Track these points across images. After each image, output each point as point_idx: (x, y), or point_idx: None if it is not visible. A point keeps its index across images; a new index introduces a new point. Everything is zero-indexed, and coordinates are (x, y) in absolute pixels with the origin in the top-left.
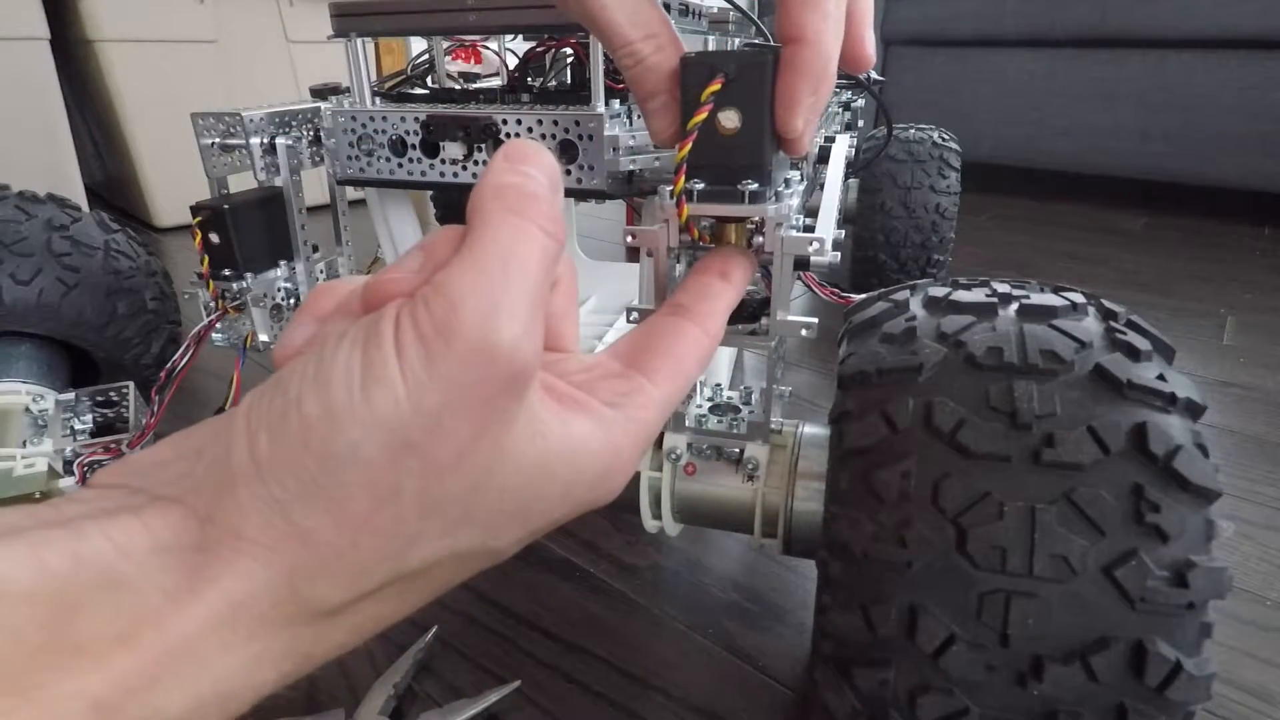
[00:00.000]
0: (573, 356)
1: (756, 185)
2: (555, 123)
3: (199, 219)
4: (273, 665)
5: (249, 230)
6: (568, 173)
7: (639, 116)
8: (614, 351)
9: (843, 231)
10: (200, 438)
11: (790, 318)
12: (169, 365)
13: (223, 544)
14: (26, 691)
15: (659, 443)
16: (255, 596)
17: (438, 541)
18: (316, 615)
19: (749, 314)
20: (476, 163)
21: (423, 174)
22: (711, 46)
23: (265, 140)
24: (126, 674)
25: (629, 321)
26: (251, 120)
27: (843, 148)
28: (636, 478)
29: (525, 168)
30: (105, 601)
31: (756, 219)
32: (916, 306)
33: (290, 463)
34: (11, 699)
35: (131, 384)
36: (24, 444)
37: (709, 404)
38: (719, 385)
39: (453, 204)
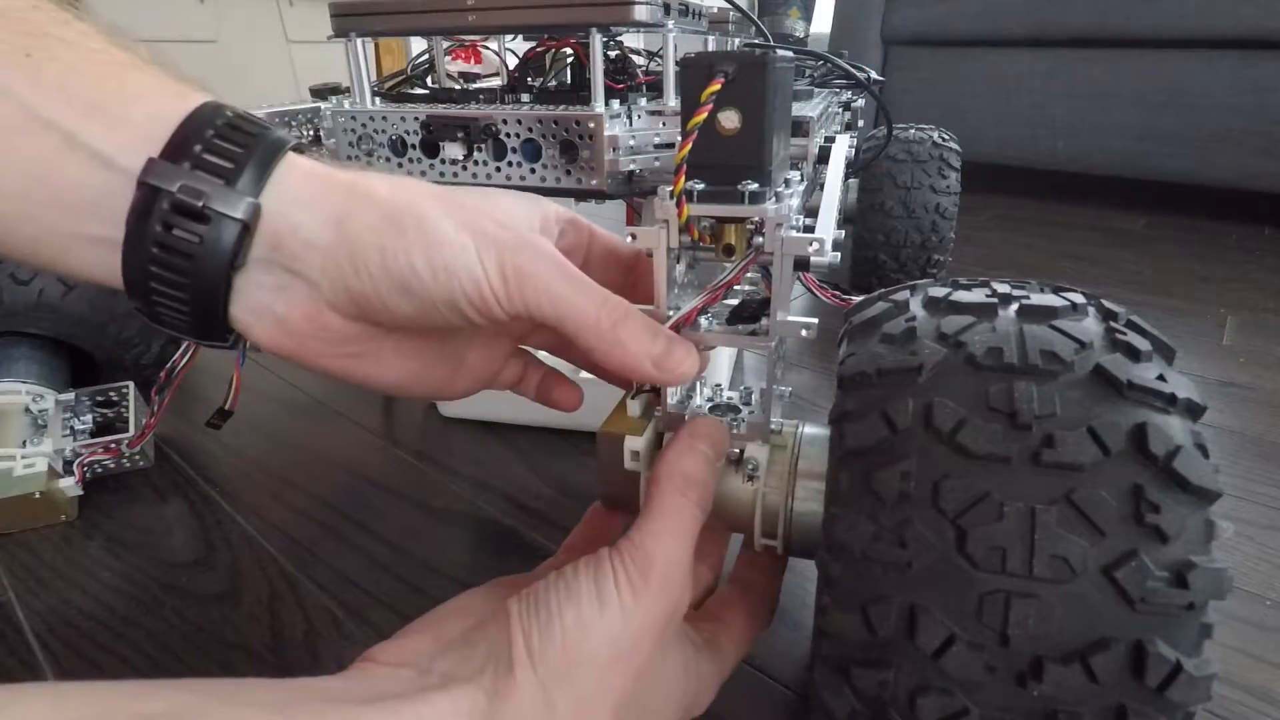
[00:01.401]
0: None
1: (756, 185)
2: (555, 123)
3: None
4: None
5: None
6: (568, 173)
7: (639, 116)
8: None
9: (843, 231)
10: (460, 626)
11: (790, 318)
12: (169, 365)
13: (505, 714)
14: None
15: (659, 443)
16: None
17: None
18: None
19: (749, 314)
20: (476, 162)
21: (423, 174)
22: (711, 47)
23: None
24: None
25: None
26: None
27: (843, 148)
28: (636, 478)
29: (702, 446)
30: None
31: (756, 219)
32: (916, 307)
33: (552, 659)
34: None
35: (131, 384)
36: (24, 444)
37: (709, 404)
38: (719, 385)
39: None
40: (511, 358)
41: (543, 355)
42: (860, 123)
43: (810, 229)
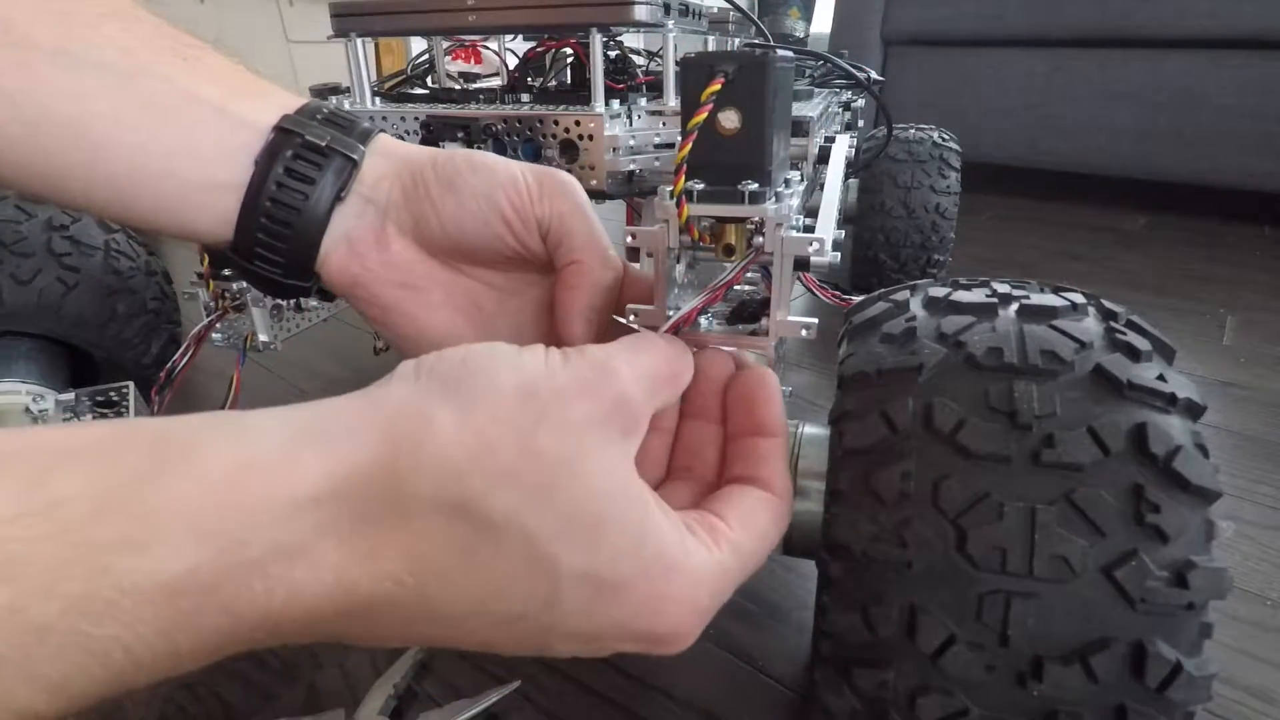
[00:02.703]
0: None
1: (756, 185)
2: (555, 123)
3: None
4: (347, 569)
5: None
6: (568, 172)
7: (639, 116)
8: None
9: (843, 231)
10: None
11: (790, 318)
12: (169, 365)
13: (358, 409)
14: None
15: None
16: (361, 460)
17: (520, 506)
18: (397, 509)
19: (749, 314)
20: None
21: None
22: (711, 47)
23: None
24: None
25: (629, 322)
26: None
27: (843, 148)
28: None
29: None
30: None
31: (756, 219)
32: (916, 307)
33: (442, 371)
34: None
35: (131, 384)
36: None
37: None
38: None
39: None
40: None
41: None
42: (860, 123)
43: (810, 229)
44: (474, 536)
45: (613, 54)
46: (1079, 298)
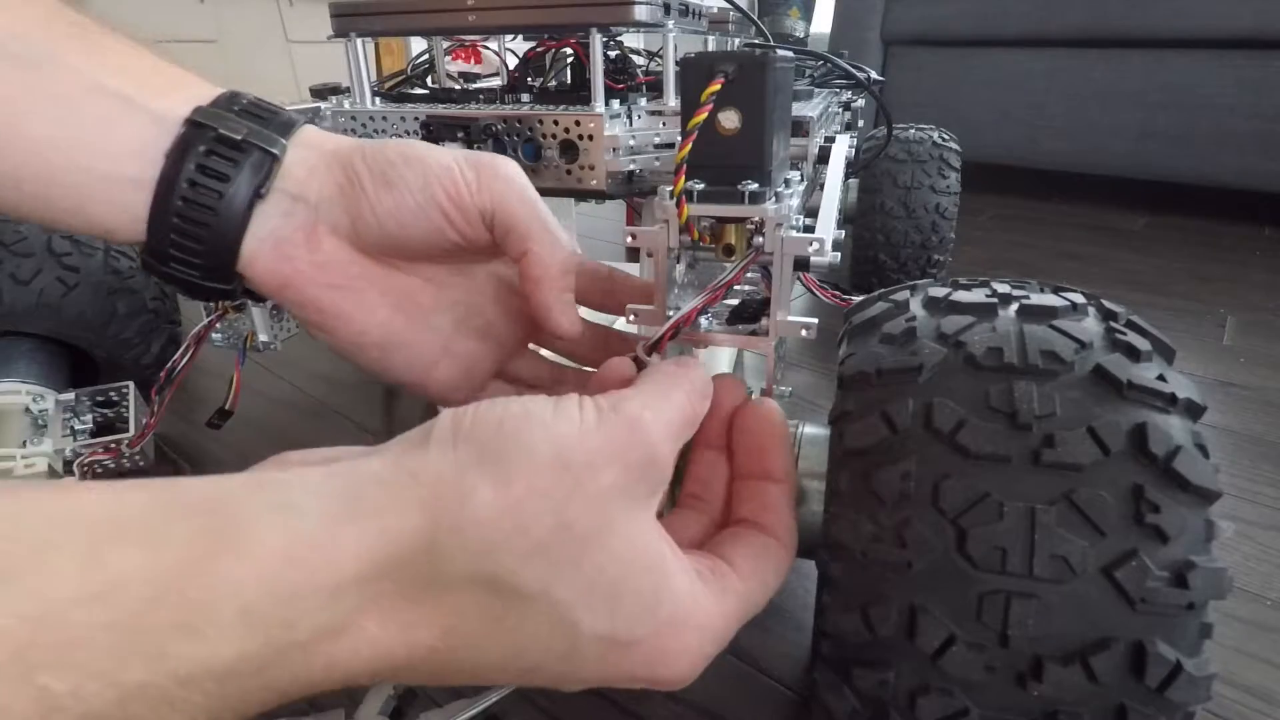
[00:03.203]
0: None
1: (756, 185)
2: (555, 123)
3: None
4: (380, 636)
5: None
6: (568, 173)
7: (639, 116)
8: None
9: (843, 232)
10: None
11: (790, 318)
12: (169, 365)
13: (399, 482)
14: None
15: None
16: (402, 537)
17: (550, 564)
18: (435, 585)
19: (749, 314)
20: None
21: None
22: (711, 47)
23: None
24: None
25: (629, 322)
26: None
27: (843, 148)
28: None
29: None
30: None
31: (756, 219)
32: (916, 307)
33: (480, 437)
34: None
35: (131, 384)
36: (24, 444)
37: None
38: None
39: None
40: (516, 357)
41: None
42: (860, 123)
43: (810, 229)
44: (504, 607)
45: (613, 54)
46: (1079, 298)
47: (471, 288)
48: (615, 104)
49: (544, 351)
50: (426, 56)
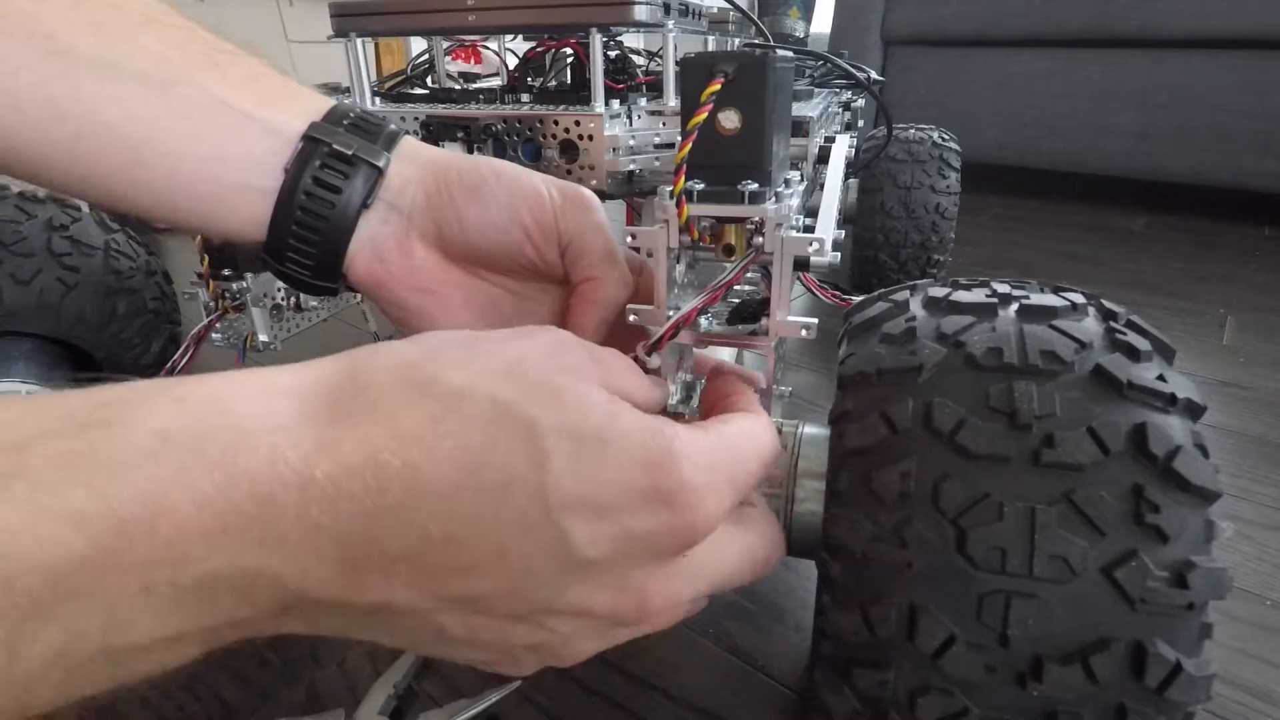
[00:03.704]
0: None
1: (756, 185)
2: (555, 123)
3: None
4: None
5: None
6: (568, 173)
7: (639, 116)
8: None
9: (843, 231)
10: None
11: (790, 318)
12: (169, 365)
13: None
14: None
15: None
16: (324, 372)
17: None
18: (363, 399)
19: (749, 314)
20: None
21: None
22: (711, 47)
23: None
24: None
25: (629, 322)
26: None
27: (843, 148)
28: None
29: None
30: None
31: (756, 219)
32: (916, 307)
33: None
34: None
35: None
36: None
37: None
38: None
39: None
40: None
41: None
42: (860, 123)
43: (810, 229)
44: (440, 405)
45: (613, 54)
46: (1079, 298)
47: (549, 303)
48: (615, 104)
49: None
50: (426, 56)
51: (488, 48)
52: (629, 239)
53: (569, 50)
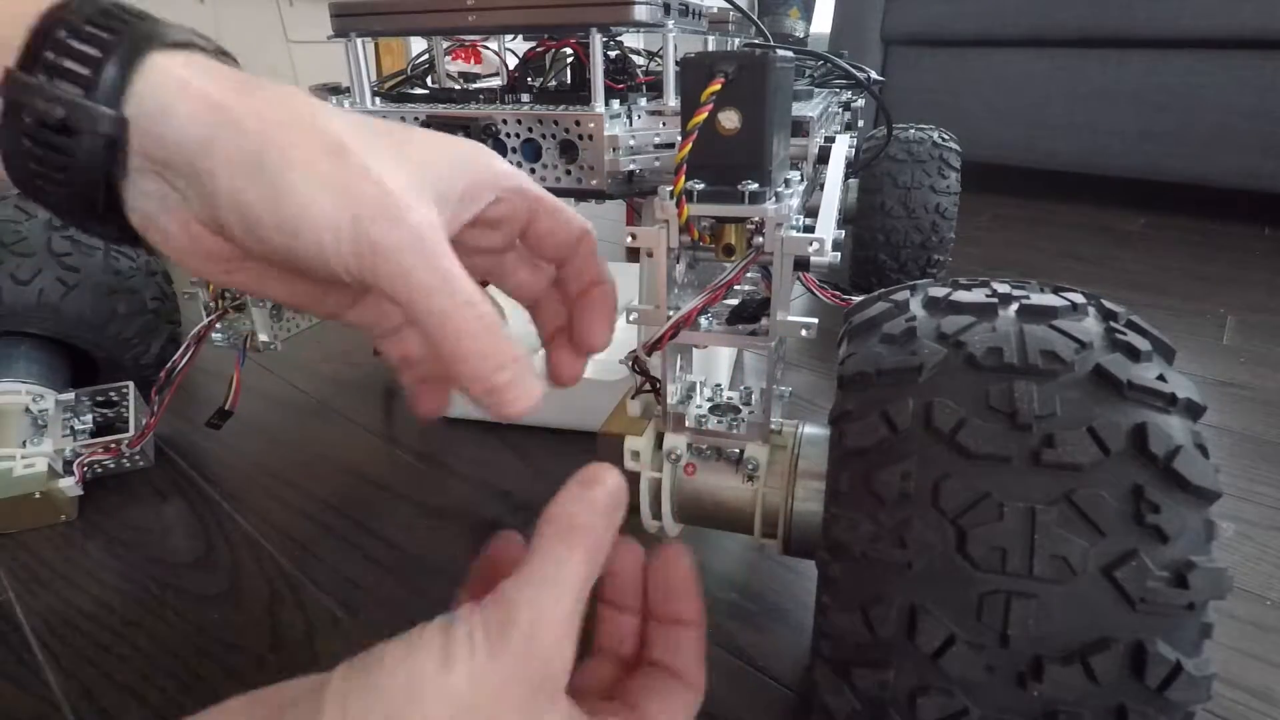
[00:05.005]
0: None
1: (756, 185)
2: (555, 123)
3: None
4: None
5: None
6: (568, 173)
7: (639, 116)
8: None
9: (843, 231)
10: (282, 700)
11: (790, 318)
12: (169, 365)
13: None
14: None
15: (659, 443)
16: None
17: None
18: None
19: (749, 314)
20: None
21: None
22: (711, 47)
23: None
24: None
25: (629, 322)
26: None
27: (843, 148)
28: (636, 479)
29: (594, 492)
30: None
31: (756, 219)
32: (916, 307)
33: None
34: None
35: (131, 384)
36: (24, 444)
37: (709, 404)
38: (719, 385)
39: None
40: None
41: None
42: (860, 123)
43: (810, 229)
44: None
45: (613, 54)
46: (1079, 298)
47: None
48: (615, 104)
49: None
50: (426, 56)
51: (488, 48)
52: (629, 239)
53: (569, 50)
